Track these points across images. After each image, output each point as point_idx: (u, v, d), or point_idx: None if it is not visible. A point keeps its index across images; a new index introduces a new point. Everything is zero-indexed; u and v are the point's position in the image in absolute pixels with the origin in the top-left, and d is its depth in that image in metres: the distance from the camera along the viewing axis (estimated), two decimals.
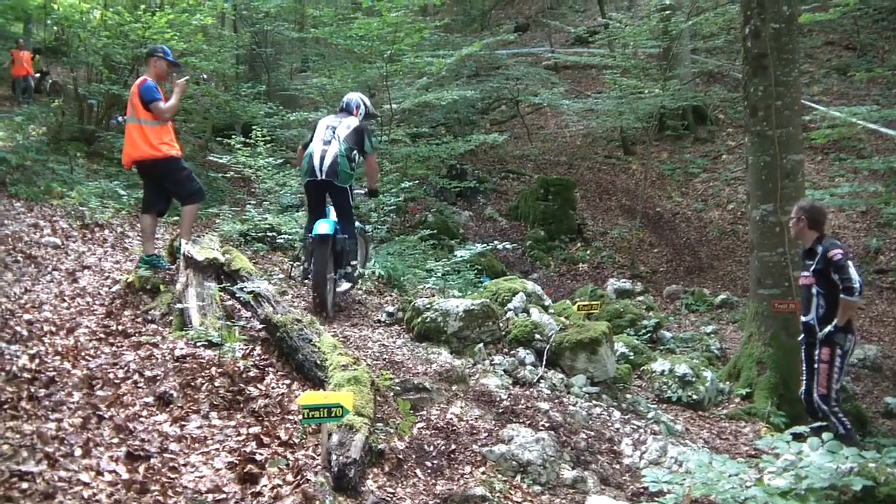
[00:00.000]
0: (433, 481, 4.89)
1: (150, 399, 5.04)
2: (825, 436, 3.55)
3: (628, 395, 7.73)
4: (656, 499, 3.57)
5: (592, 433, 6.22)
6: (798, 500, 3.23)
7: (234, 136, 11.82)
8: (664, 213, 20.39)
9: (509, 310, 7.98)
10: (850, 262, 6.77)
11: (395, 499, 4.60)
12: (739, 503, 3.40)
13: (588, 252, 17.51)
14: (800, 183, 9.83)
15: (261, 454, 4.62)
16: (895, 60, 24.80)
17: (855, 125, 16.27)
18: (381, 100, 15.90)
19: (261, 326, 6.36)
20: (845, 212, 20.07)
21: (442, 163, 18.29)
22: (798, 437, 3.66)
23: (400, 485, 4.78)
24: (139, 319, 6.69)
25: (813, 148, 20.97)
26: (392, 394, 5.84)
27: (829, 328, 6.92)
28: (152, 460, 4.33)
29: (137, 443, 4.46)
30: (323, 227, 7.94)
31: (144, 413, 4.86)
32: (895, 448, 3.77)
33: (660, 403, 8.20)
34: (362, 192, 9.03)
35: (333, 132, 8.22)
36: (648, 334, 10.94)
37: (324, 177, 8.00)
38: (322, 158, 8.02)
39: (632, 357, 8.96)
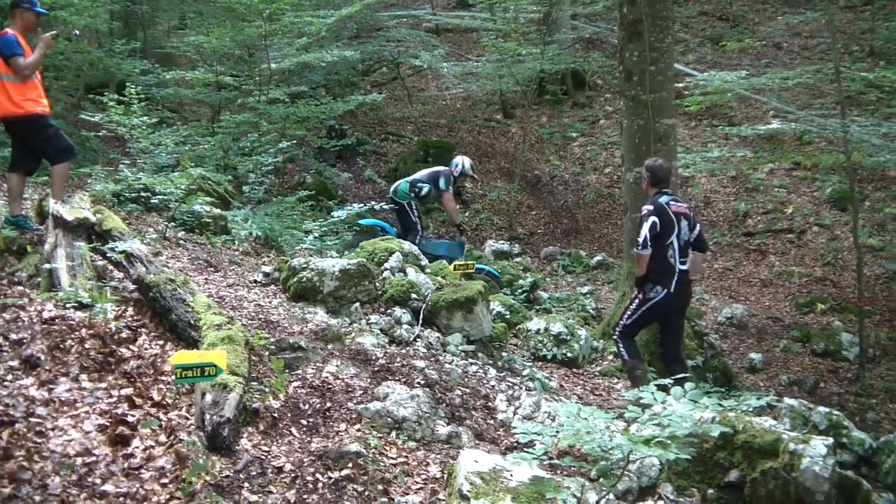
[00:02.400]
0: (308, 439, 4.90)
1: (16, 363, 4.88)
2: (687, 386, 3.68)
3: (504, 354, 7.86)
4: (526, 450, 3.65)
5: (468, 390, 6.32)
6: (661, 447, 3.35)
7: (107, 94, 11.43)
8: (542, 176, 20.65)
9: (385, 269, 7.99)
10: (648, 219, 7.03)
11: (269, 457, 4.60)
12: (606, 451, 3.52)
13: (467, 214, 17.63)
14: (672, 147, 10.09)
15: (133, 416, 4.56)
16: (764, 31, 25.60)
17: (726, 93, 16.77)
18: (260, 59, 15.64)
19: (133, 287, 6.24)
20: (716, 177, 20.69)
21: (321, 124, 18.10)
22: (663, 389, 3.77)
23: (275, 443, 4.78)
24: (4, 282, 6.45)
25: (687, 114, 21.51)
26: (267, 353, 5.81)
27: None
28: (17, 425, 4.21)
29: (0, 408, 4.33)
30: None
31: (9, 377, 4.71)
32: (751, 396, 3.93)
33: (535, 361, 8.36)
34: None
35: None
36: (525, 294, 11.12)
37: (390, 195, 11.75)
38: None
39: (508, 316, 9.09)
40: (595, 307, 12.22)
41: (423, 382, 6.03)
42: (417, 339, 7.09)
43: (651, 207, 7.13)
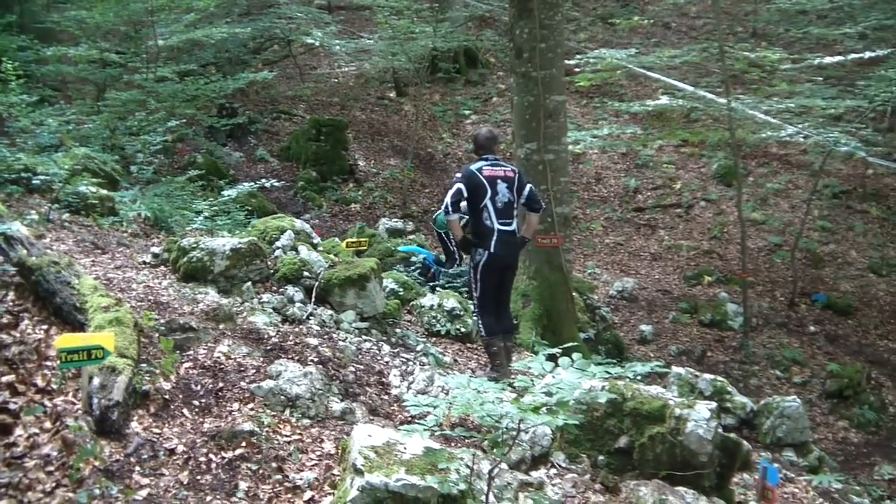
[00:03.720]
0: (201, 419, 4.85)
1: None
2: (575, 355, 3.75)
3: (398, 330, 7.88)
4: (418, 422, 3.68)
5: (362, 367, 6.33)
6: (549, 414, 3.41)
7: None
8: (436, 154, 20.71)
9: (277, 248, 7.92)
10: (453, 186, 7.30)
11: (161, 439, 4.54)
12: (496, 420, 3.57)
13: (360, 192, 17.57)
14: (562, 123, 10.23)
15: (15, 403, 4.44)
16: (654, 11, 26.09)
17: (615, 70, 17.04)
18: (147, 35, 15.25)
19: (14, 271, 6.05)
20: (607, 153, 21.08)
21: (212, 102, 17.73)
22: (552, 359, 3.84)
23: (167, 425, 4.72)
24: None
25: (578, 92, 21.83)
26: (157, 334, 5.72)
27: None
28: None
29: None
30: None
31: None
32: (637, 364, 4.03)
33: (429, 337, 8.40)
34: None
35: None
36: (418, 271, 11.15)
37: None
38: None
39: (402, 293, 9.11)
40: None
41: (316, 360, 6.01)
42: (311, 318, 7.06)
43: (459, 175, 7.46)
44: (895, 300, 16.46)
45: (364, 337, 7.12)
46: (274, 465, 4.53)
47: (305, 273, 7.55)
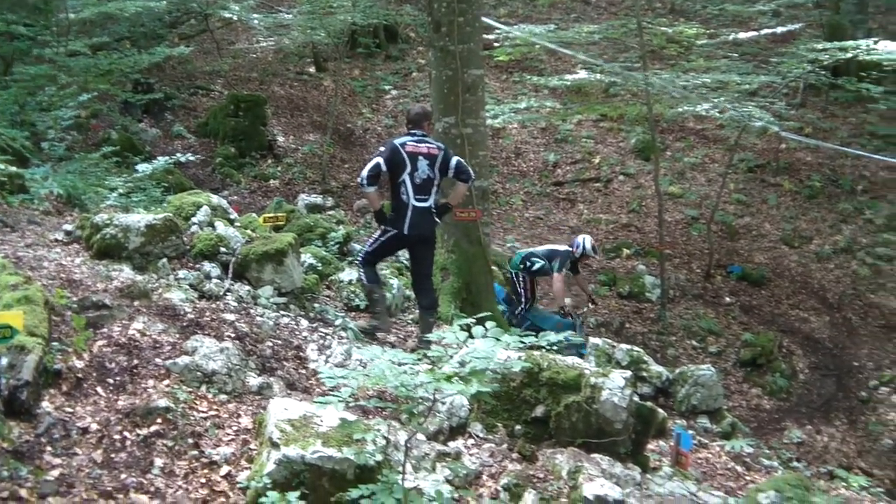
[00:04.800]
0: (115, 397, 4.78)
1: None
2: (488, 324, 3.78)
3: (316, 305, 7.86)
4: (332, 393, 3.69)
5: (280, 342, 6.31)
6: (463, 382, 3.44)
7: None
8: (355, 129, 20.63)
9: (193, 224, 7.82)
10: (373, 159, 7.38)
11: (74, 418, 4.47)
12: (410, 391, 3.59)
13: (279, 168, 17.41)
14: (480, 97, 10.23)
15: None
16: None
17: (535, 45, 17.12)
18: (57, 8, 14.88)
19: None
20: (527, 128, 21.21)
21: (126, 77, 17.38)
22: (466, 329, 3.87)
23: (79, 403, 4.64)
24: None
25: (498, 67, 21.92)
26: (70, 313, 5.61)
27: None
28: None
29: None
30: None
31: None
32: (550, 333, 4.08)
33: (348, 311, 8.40)
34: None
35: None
36: (338, 246, 11.10)
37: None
38: None
39: (320, 268, 9.07)
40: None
41: (233, 335, 5.97)
42: (228, 293, 6.99)
43: (382, 149, 7.55)
44: (806, 271, 16.93)
45: (282, 312, 7.08)
46: (190, 440, 4.49)
47: (222, 249, 7.48)
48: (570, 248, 11.94)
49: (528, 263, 11.65)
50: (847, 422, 12.33)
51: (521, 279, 11.70)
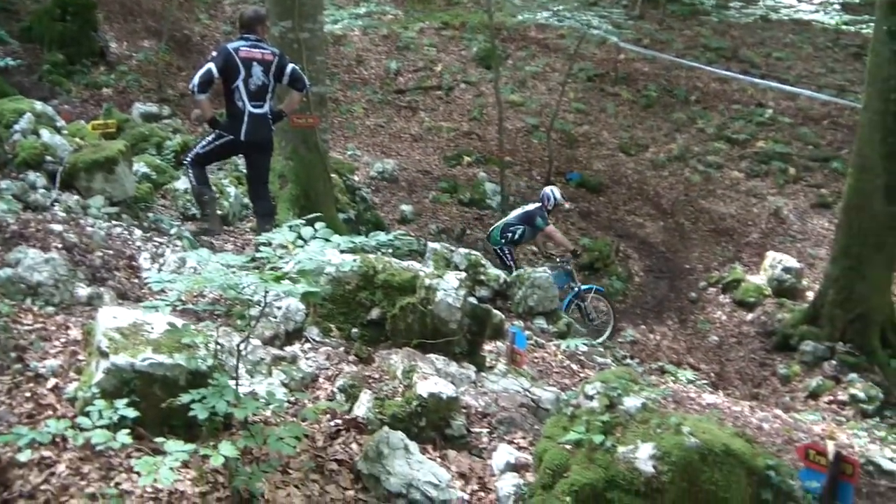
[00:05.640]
0: None
1: None
2: (318, 225, 3.75)
3: (151, 214, 7.69)
4: (159, 298, 3.63)
5: (111, 252, 6.14)
6: (292, 282, 3.43)
7: None
8: (192, 36, 19.93)
9: (16, 132, 7.45)
10: (204, 65, 7.27)
11: None
12: (239, 292, 3.57)
13: (112, 76, 16.63)
14: (318, 1, 10.05)
15: None
16: None
17: None
18: None
19: None
20: (369, 35, 20.96)
21: None
22: (293, 229, 3.83)
23: None
24: None
25: None
26: None
27: None
28: None
29: None
30: None
31: None
32: (380, 233, 4.10)
33: (184, 221, 8.25)
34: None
35: (510, 212, 12.24)
36: (174, 155, 10.82)
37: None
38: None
39: (154, 177, 8.84)
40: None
41: (60, 246, 5.76)
42: (55, 204, 6.73)
43: (214, 54, 7.40)
44: (642, 178, 17.52)
45: (114, 222, 6.88)
46: (13, 354, 4.34)
47: (48, 158, 7.17)
48: (541, 203, 11.87)
49: (509, 234, 11.64)
50: (678, 321, 12.93)
51: (506, 252, 11.71)
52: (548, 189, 12.25)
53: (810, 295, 12.06)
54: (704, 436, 3.77)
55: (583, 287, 11.60)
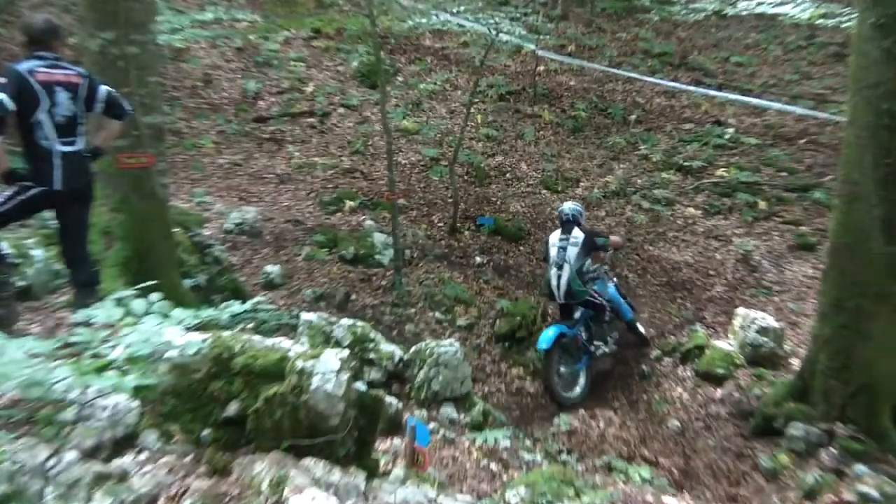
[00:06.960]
0: None
1: None
2: (154, 297, 3.68)
3: None
4: None
5: None
6: (119, 374, 3.34)
7: None
8: None
9: None
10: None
11: None
12: (47, 390, 3.45)
13: None
14: (149, 4, 9.95)
15: None
16: None
17: None
18: None
19: None
20: (218, 48, 20.86)
21: None
22: (122, 305, 3.75)
23: None
24: None
25: None
26: None
27: None
28: None
29: None
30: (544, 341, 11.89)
31: None
32: (234, 303, 4.02)
33: None
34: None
35: (564, 254, 12.50)
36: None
37: (563, 300, 12.58)
38: (558, 286, 12.53)
39: None
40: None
41: None
42: None
43: (2, 79, 6.94)
44: None
45: None
46: None
47: None
48: (573, 220, 12.90)
49: (590, 274, 12.88)
50: (627, 402, 12.94)
51: (595, 295, 12.74)
52: (565, 206, 13.25)
53: (795, 363, 11.99)
54: None
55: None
